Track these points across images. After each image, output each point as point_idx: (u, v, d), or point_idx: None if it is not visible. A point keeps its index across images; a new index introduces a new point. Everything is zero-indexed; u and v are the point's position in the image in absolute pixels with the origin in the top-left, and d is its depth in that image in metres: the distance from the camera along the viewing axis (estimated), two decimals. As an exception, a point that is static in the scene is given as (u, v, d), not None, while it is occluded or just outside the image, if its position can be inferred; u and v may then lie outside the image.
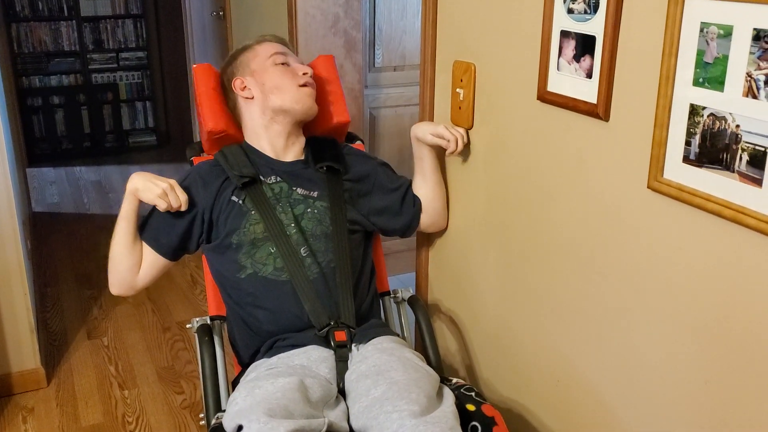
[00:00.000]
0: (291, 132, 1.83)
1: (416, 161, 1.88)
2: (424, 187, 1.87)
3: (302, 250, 1.69)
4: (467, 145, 1.78)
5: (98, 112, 5.69)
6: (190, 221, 1.73)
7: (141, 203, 1.70)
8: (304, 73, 1.81)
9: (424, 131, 1.81)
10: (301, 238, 1.70)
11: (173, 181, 1.68)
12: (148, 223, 1.75)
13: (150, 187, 1.65)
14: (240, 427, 1.33)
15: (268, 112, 1.80)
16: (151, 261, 1.75)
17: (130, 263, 1.73)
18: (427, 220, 1.89)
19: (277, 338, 1.65)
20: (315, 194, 1.77)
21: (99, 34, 5.57)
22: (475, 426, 1.43)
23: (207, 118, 1.87)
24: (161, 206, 1.66)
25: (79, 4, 5.44)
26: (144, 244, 1.74)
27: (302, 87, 1.80)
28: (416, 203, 1.87)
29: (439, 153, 1.85)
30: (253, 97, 1.81)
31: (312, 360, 1.56)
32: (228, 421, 1.38)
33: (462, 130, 1.77)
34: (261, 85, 1.80)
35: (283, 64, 1.82)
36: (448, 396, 1.45)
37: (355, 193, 1.82)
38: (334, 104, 1.94)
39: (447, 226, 1.94)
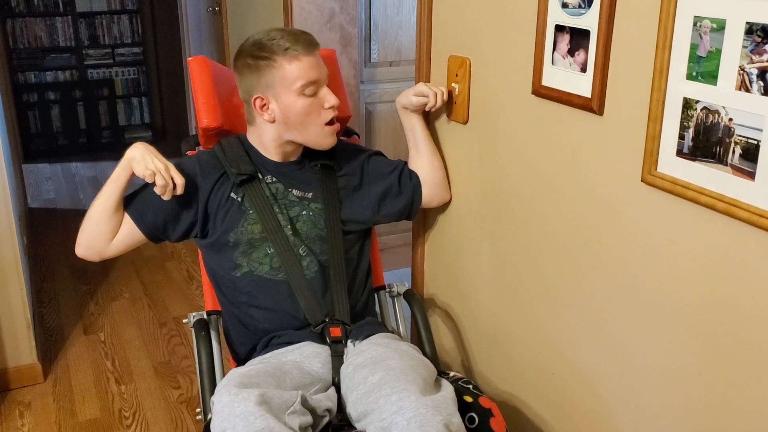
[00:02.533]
0: (298, 146, 1.76)
1: (407, 134, 1.86)
2: (419, 159, 1.85)
3: (300, 250, 1.69)
4: (462, 139, 1.79)
5: (94, 107, 5.67)
6: (181, 208, 1.68)
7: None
8: (330, 106, 1.67)
9: (406, 95, 1.80)
10: (297, 239, 1.70)
11: (171, 165, 1.61)
12: (138, 195, 1.69)
13: (145, 161, 1.57)
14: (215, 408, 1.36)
15: (285, 137, 1.71)
16: (128, 232, 1.68)
17: (105, 228, 1.65)
18: (428, 193, 1.85)
19: (272, 335, 1.65)
20: (310, 195, 1.75)
21: (94, 30, 5.56)
22: (472, 417, 1.44)
23: (202, 114, 1.86)
24: (149, 181, 1.58)
25: (74, 0, 5.42)
26: (126, 214, 1.67)
27: (327, 125, 1.69)
28: (413, 177, 1.84)
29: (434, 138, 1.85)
30: (273, 121, 1.68)
31: (305, 356, 1.57)
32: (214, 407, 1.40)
33: (443, 88, 1.77)
34: (284, 117, 1.66)
35: (312, 95, 1.65)
36: (447, 385, 1.45)
37: (351, 189, 1.81)
38: None
39: (451, 198, 1.89)
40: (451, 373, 1.59)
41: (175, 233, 1.72)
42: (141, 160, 1.58)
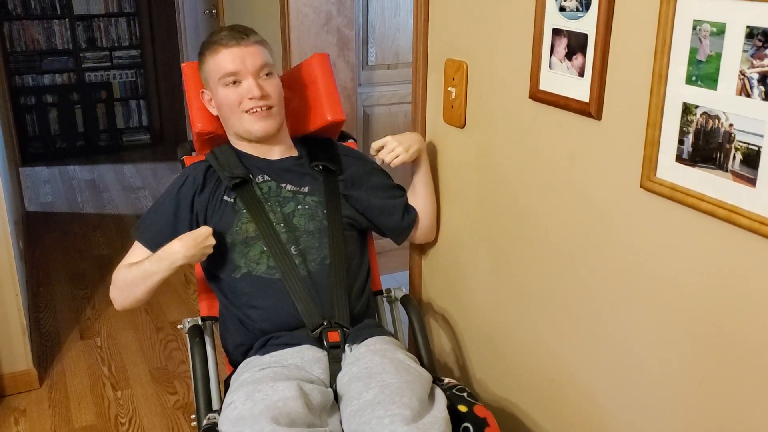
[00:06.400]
0: (275, 137, 1.79)
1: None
2: (415, 201, 1.88)
3: (292, 249, 1.67)
4: (459, 144, 1.77)
5: (92, 110, 5.66)
6: (190, 227, 1.71)
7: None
8: (250, 98, 1.69)
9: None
10: (291, 236, 1.69)
11: (208, 232, 1.63)
12: (154, 229, 1.73)
13: (195, 254, 1.61)
14: None
15: (229, 130, 1.80)
16: None
17: (145, 296, 1.72)
18: (415, 231, 1.89)
19: (270, 336, 1.64)
20: (306, 189, 1.75)
21: (92, 33, 5.55)
22: (467, 427, 1.42)
23: (196, 120, 1.86)
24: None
25: (72, 3, 5.41)
26: (147, 251, 1.72)
27: (249, 113, 1.71)
28: (411, 210, 1.87)
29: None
30: (218, 115, 1.80)
31: (306, 360, 1.55)
32: (228, 426, 1.36)
33: (394, 150, 1.76)
34: (219, 109, 1.78)
35: (234, 83, 1.70)
36: (440, 399, 1.44)
37: (350, 193, 1.81)
38: (328, 102, 1.92)
39: (436, 239, 1.95)
40: (446, 380, 1.57)
41: None
42: (193, 256, 1.62)
